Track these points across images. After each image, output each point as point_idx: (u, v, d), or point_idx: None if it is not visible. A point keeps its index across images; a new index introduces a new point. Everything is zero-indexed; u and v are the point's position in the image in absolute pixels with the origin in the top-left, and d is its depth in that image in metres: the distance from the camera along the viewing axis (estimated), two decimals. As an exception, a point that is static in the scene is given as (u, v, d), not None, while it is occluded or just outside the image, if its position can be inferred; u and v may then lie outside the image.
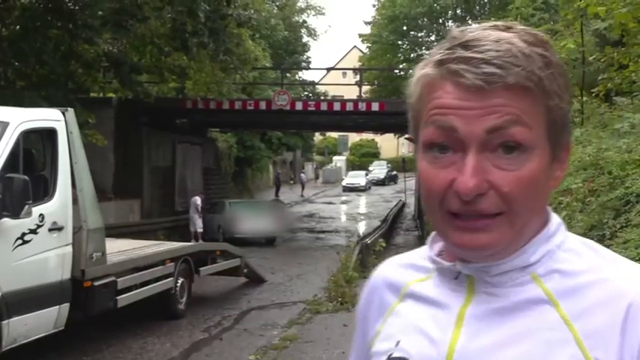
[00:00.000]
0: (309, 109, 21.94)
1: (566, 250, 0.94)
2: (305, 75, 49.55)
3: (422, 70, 0.92)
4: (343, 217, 31.35)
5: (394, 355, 0.97)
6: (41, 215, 6.87)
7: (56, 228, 7.10)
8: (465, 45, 0.87)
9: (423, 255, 1.05)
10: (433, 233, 1.03)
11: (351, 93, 26.69)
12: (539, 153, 0.88)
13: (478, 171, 0.85)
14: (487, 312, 0.91)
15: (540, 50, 0.87)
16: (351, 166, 61.98)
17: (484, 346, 0.89)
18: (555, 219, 0.97)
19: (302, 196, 41.50)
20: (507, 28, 0.89)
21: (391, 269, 1.08)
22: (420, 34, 37.40)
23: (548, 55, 0.88)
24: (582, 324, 0.86)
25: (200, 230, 19.57)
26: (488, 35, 0.87)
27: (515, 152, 0.86)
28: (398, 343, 0.97)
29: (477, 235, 0.87)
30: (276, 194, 37.44)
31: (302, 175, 46.67)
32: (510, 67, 0.85)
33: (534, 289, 0.91)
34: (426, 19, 36.21)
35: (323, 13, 71.77)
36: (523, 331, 0.88)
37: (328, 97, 32.27)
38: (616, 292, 0.87)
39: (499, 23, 0.91)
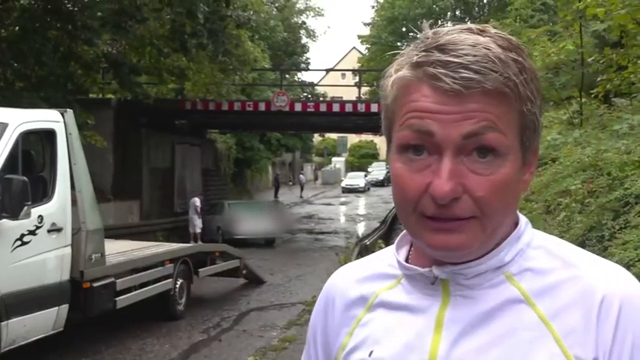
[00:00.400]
0: (308, 110, 21.95)
1: (535, 248, 0.95)
2: (304, 76, 49.70)
3: (398, 72, 0.92)
4: (342, 218, 31.34)
5: None
6: (40, 216, 6.87)
7: (55, 229, 7.09)
8: (442, 48, 0.87)
9: (385, 261, 1.04)
10: (398, 238, 1.03)
11: (350, 94, 26.72)
12: (512, 158, 0.88)
13: (454, 175, 0.86)
14: (465, 315, 0.92)
15: (514, 55, 0.88)
16: (350, 167, 62.01)
17: (467, 350, 0.90)
18: (523, 218, 0.98)
19: (301, 197, 41.50)
20: (481, 32, 0.90)
21: (350, 283, 1.06)
22: (418, 36, 37.43)
23: (521, 61, 0.88)
24: (559, 322, 0.88)
25: (199, 231, 19.56)
26: (465, 39, 0.87)
27: (490, 156, 0.87)
28: (371, 352, 0.96)
29: (450, 236, 0.88)
30: (276, 195, 37.45)
31: (301, 176, 46.60)
32: (488, 73, 0.85)
33: (509, 288, 0.92)
34: (425, 21, 36.22)
35: (322, 15, 71.91)
36: (503, 333, 0.89)
37: (327, 99, 32.31)
38: (588, 289, 0.89)
39: (472, 26, 0.91)
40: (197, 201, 19.76)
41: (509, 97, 0.87)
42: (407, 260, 1.00)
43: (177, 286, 10.03)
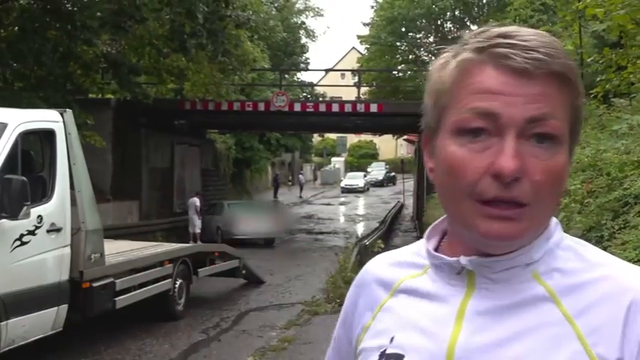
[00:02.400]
0: (308, 110, 21.93)
1: (564, 249, 0.94)
2: (304, 76, 49.68)
3: (458, 57, 0.92)
4: (342, 219, 31.34)
5: (388, 351, 0.96)
6: (39, 216, 6.86)
7: (54, 229, 7.09)
8: (505, 35, 0.88)
9: (414, 252, 1.05)
10: (429, 229, 1.03)
11: (349, 94, 26.71)
12: (565, 148, 0.89)
13: (519, 154, 0.86)
14: (489, 308, 0.91)
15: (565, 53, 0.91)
16: (350, 167, 62.01)
17: (487, 342, 0.89)
18: (553, 219, 0.97)
19: (300, 197, 41.48)
20: (548, 34, 0.92)
21: (381, 266, 1.07)
22: (418, 36, 37.44)
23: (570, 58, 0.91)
24: (584, 321, 0.87)
25: (199, 231, 19.57)
26: (528, 30, 0.90)
27: (547, 143, 0.87)
28: (392, 339, 0.96)
29: (508, 224, 0.87)
30: (275, 195, 37.43)
31: (300, 176, 46.53)
32: (556, 57, 0.87)
33: (535, 286, 0.91)
34: (424, 21, 36.23)
35: (322, 15, 72.00)
36: (525, 329, 0.88)
37: (327, 99, 32.30)
38: (618, 289, 0.88)
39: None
40: (197, 201, 19.76)
41: (570, 86, 0.89)
42: (436, 250, 1.00)
43: (177, 286, 10.02)
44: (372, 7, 39.11)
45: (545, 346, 0.87)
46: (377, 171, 55.66)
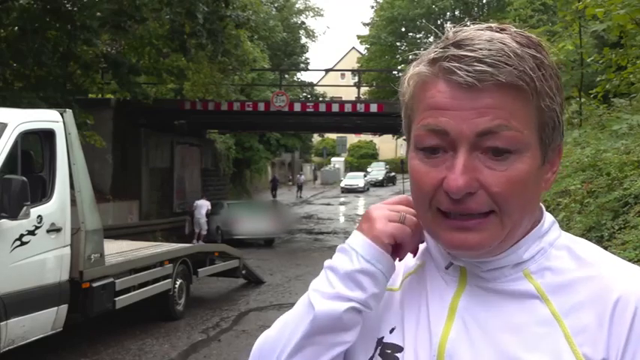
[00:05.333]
0: (308, 110, 21.94)
1: (558, 248, 0.95)
2: (303, 76, 49.64)
3: (415, 68, 0.92)
4: (342, 219, 31.33)
5: (386, 340, 0.98)
6: (39, 216, 6.86)
7: (54, 229, 7.09)
8: (458, 44, 0.87)
9: (422, 246, 1.06)
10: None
11: (349, 94, 26.75)
12: (529, 155, 0.88)
13: (468, 169, 0.86)
14: (479, 304, 0.93)
15: (533, 52, 0.88)
16: (350, 167, 62.02)
17: (476, 338, 0.90)
18: (548, 217, 0.97)
19: (299, 197, 41.37)
20: (501, 30, 0.90)
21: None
22: (418, 36, 37.49)
23: (540, 57, 0.88)
24: (572, 320, 0.88)
25: (204, 233, 19.84)
26: (481, 35, 0.88)
27: (506, 154, 0.87)
28: (392, 330, 0.98)
29: (468, 235, 0.88)
30: (273, 196, 37.24)
31: (299, 176, 46.07)
32: (502, 66, 0.85)
33: (525, 284, 0.92)
34: (424, 21, 36.25)
35: (321, 15, 72.11)
36: (513, 326, 0.89)
37: (327, 99, 32.29)
38: (605, 288, 0.88)
39: (493, 25, 0.91)
40: (208, 204, 20.10)
41: (525, 92, 0.86)
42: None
43: (177, 286, 10.02)
44: (372, 7, 39.22)
45: (532, 344, 0.87)
46: (377, 171, 55.66)
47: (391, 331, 0.98)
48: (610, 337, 0.86)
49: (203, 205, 20.01)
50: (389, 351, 0.97)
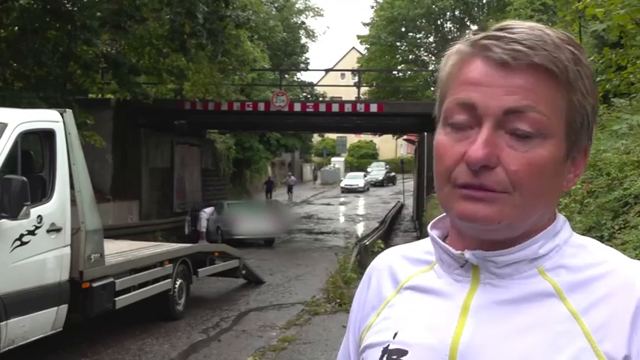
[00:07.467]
0: (308, 110, 21.94)
1: (572, 246, 0.94)
2: (303, 76, 49.64)
3: (455, 47, 0.95)
4: (342, 219, 31.33)
5: (391, 347, 0.96)
6: (39, 216, 6.86)
7: (54, 229, 7.09)
8: (499, 28, 0.90)
9: (423, 249, 1.05)
10: (431, 223, 1.04)
11: (349, 94, 26.75)
12: (553, 143, 0.88)
13: (490, 144, 0.87)
14: (493, 303, 0.91)
15: (572, 48, 0.89)
16: (350, 167, 62.02)
17: (491, 337, 0.89)
18: (560, 216, 0.97)
19: (290, 199, 39.44)
20: (543, 28, 0.92)
21: (394, 259, 1.08)
22: (418, 36, 37.47)
23: (578, 54, 0.90)
24: (591, 317, 0.87)
25: (204, 230, 20.06)
26: (523, 24, 0.90)
27: (529, 137, 0.87)
28: (395, 334, 0.97)
29: (478, 205, 0.88)
30: (270, 197, 36.70)
31: (289, 177, 42.89)
32: (539, 49, 0.87)
33: (541, 282, 0.91)
34: (424, 21, 36.24)
35: (322, 15, 72.15)
36: (530, 324, 0.88)
37: (327, 99, 32.29)
38: (625, 284, 0.88)
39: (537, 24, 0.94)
40: (211, 210, 20.46)
41: (558, 79, 0.88)
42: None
43: (177, 286, 10.02)
44: (372, 7, 39.20)
45: (550, 342, 0.86)
46: (377, 171, 55.69)
47: (394, 336, 0.97)
48: (632, 333, 0.85)
49: (207, 212, 20.43)
50: (394, 356, 0.95)
